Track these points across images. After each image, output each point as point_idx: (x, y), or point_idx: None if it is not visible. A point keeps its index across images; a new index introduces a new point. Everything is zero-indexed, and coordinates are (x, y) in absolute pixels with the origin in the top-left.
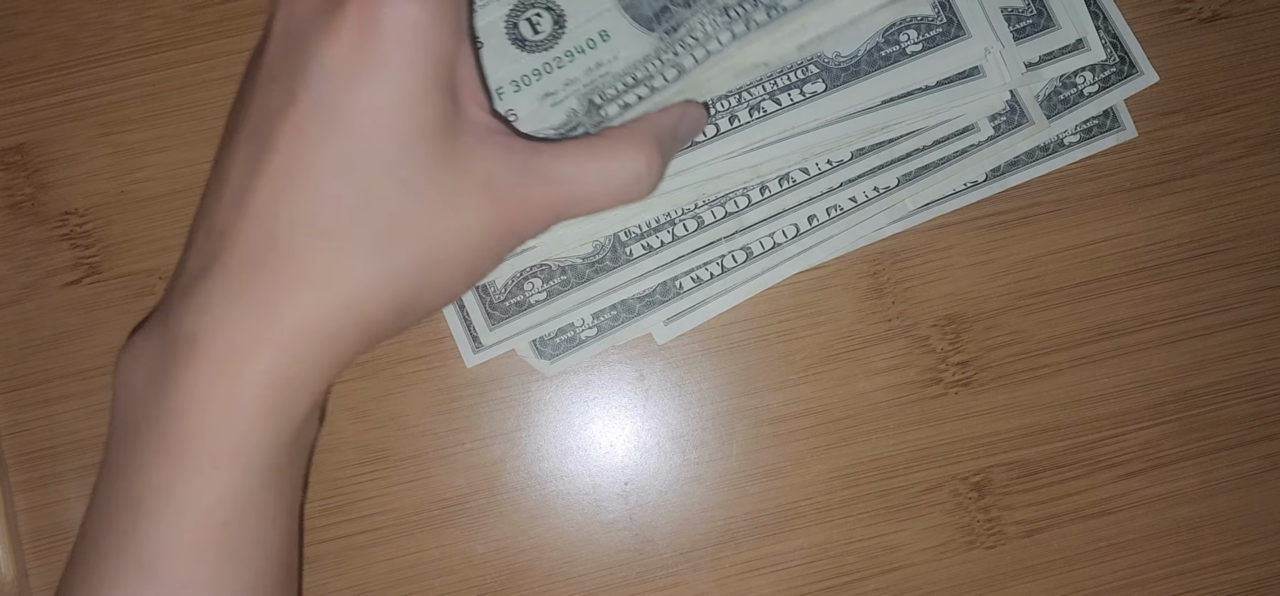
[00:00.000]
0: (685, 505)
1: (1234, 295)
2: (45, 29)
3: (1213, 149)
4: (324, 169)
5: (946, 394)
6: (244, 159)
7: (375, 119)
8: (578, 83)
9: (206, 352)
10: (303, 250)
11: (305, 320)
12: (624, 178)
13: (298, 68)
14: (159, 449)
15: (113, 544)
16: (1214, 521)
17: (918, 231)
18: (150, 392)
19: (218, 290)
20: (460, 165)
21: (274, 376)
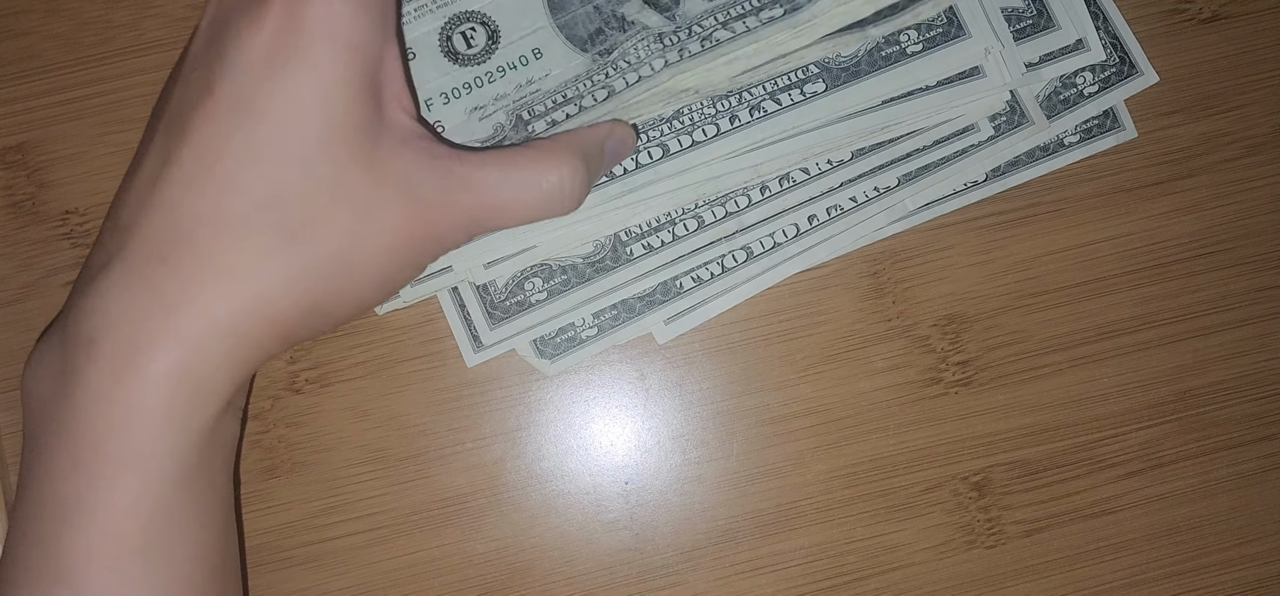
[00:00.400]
0: (686, 504)
1: (1234, 295)
2: (46, 28)
3: (1213, 149)
4: (235, 160)
5: (947, 394)
6: (157, 150)
7: (291, 112)
8: (507, 98)
9: (104, 351)
10: (207, 243)
11: (208, 315)
12: (546, 189)
13: (217, 58)
14: (66, 454)
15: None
16: (1214, 521)
17: (918, 231)
18: (53, 397)
19: (117, 286)
20: (379, 167)
21: (177, 374)
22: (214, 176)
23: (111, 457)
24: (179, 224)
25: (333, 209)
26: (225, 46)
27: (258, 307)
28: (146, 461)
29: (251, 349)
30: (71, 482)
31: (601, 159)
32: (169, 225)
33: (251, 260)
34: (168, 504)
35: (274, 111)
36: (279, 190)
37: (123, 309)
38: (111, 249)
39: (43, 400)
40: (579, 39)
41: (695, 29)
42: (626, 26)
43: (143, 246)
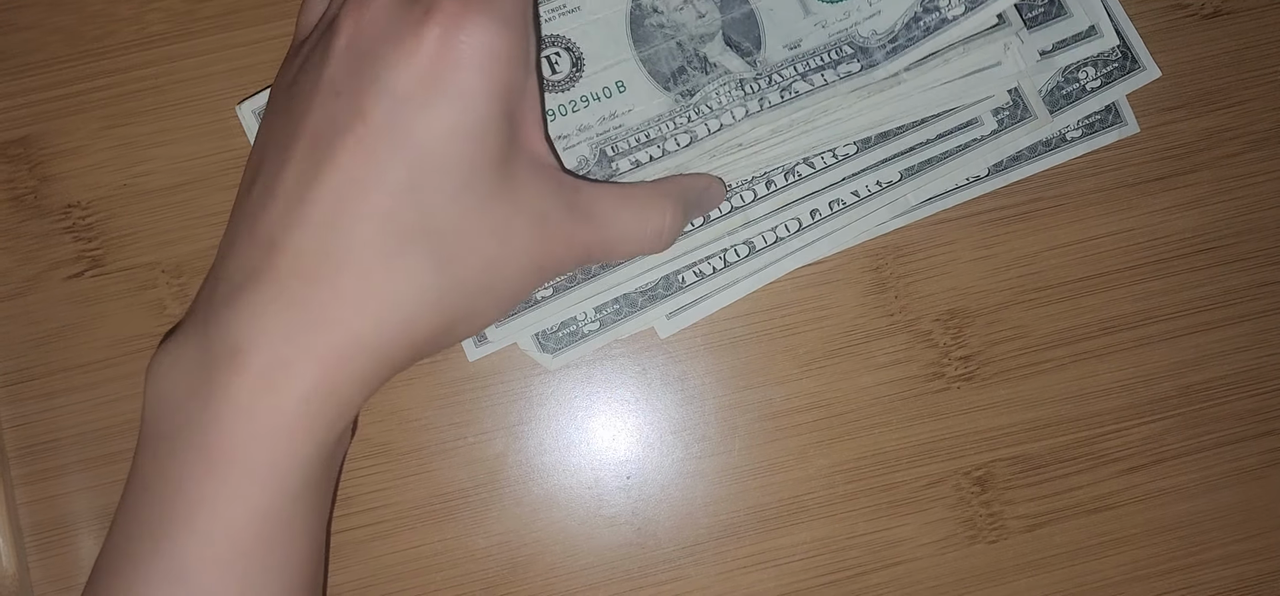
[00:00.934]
0: (687, 499)
1: (1235, 290)
2: (48, 22)
3: (1214, 144)
4: (388, 188)
5: (949, 388)
6: (300, 170)
7: (445, 144)
8: (591, 130)
9: (251, 364)
10: (361, 267)
11: (356, 336)
12: (650, 230)
13: (367, 84)
14: (198, 459)
15: (145, 552)
16: (1215, 516)
17: (920, 226)
18: (188, 401)
19: (267, 300)
20: (516, 195)
21: (319, 391)
22: (366, 202)
23: (245, 466)
24: (330, 244)
25: (476, 235)
26: (376, 73)
27: (403, 330)
28: (276, 473)
29: (388, 367)
30: (198, 485)
31: (696, 208)
32: (320, 245)
33: (402, 286)
34: (286, 515)
35: (427, 142)
36: (429, 219)
37: (273, 323)
38: (256, 262)
39: (175, 401)
40: (662, 76)
41: (774, 79)
42: (708, 68)
43: (293, 264)
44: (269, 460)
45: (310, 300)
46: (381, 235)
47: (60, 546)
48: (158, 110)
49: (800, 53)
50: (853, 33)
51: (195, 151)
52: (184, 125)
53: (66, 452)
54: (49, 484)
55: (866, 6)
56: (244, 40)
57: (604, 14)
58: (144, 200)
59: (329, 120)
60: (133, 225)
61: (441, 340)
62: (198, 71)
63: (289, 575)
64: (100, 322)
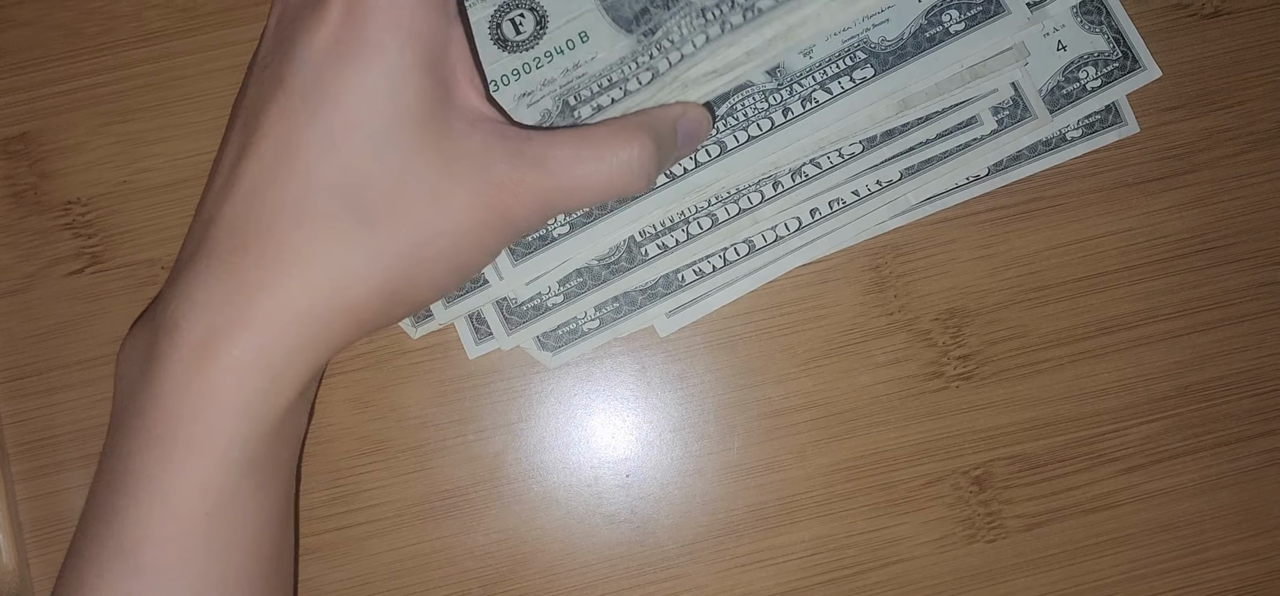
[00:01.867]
0: (686, 497)
1: (1235, 290)
2: (48, 18)
3: (1215, 144)
4: (309, 150)
5: (948, 388)
6: (235, 146)
7: (361, 99)
8: (555, 83)
9: (186, 337)
10: (286, 231)
11: (287, 303)
12: (617, 165)
13: (286, 53)
14: (141, 435)
15: (98, 531)
16: (1214, 516)
17: (920, 225)
18: (137, 380)
19: (201, 274)
20: (451, 149)
21: (254, 361)
22: (289, 166)
23: (183, 440)
24: (258, 213)
25: (407, 193)
26: (294, 42)
27: (335, 295)
28: (216, 447)
29: (327, 337)
30: (143, 461)
31: (674, 139)
32: (249, 214)
33: (329, 247)
34: (232, 491)
35: (344, 99)
36: (354, 177)
37: (205, 296)
38: (197, 238)
39: (129, 381)
40: (624, 20)
41: (737, 1)
42: (671, 3)
43: (226, 236)
44: (207, 433)
45: (240, 270)
46: (305, 200)
47: (60, 542)
48: (158, 107)
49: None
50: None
51: (195, 148)
52: (184, 121)
53: (66, 448)
54: (49, 480)
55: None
56: (244, 37)
57: None
58: (144, 196)
59: (257, 95)
60: (133, 221)
61: (388, 308)
62: (198, 68)
63: (240, 551)
64: (100, 319)
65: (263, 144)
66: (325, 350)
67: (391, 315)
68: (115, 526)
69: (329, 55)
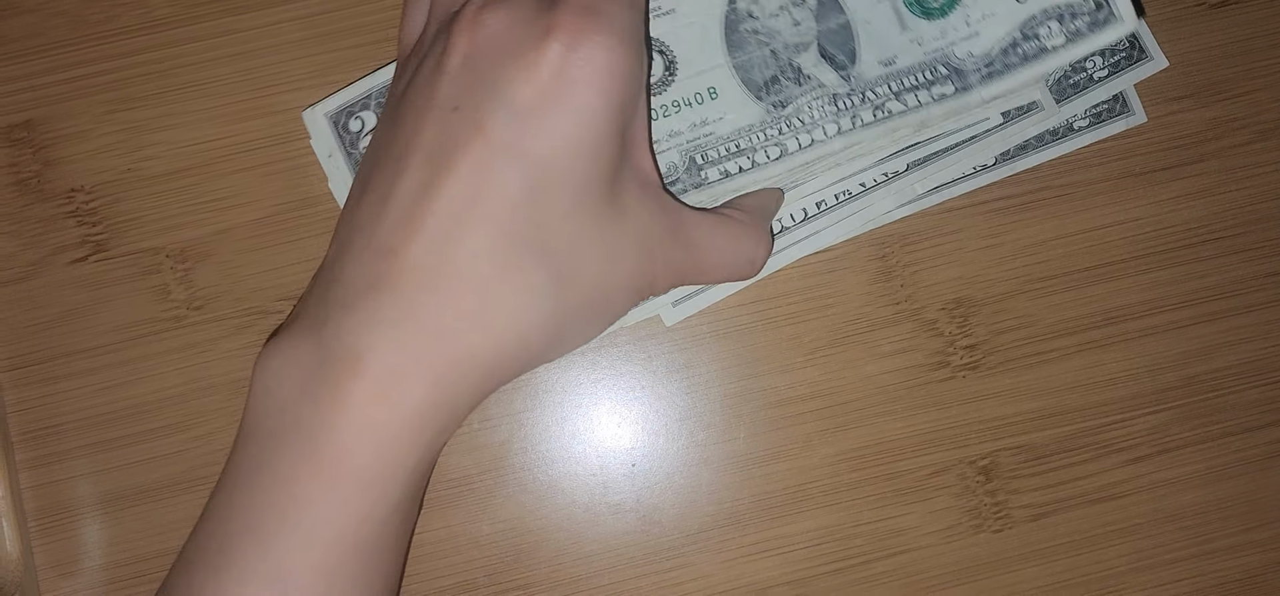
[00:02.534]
0: (692, 487)
1: (1242, 280)
2: (52, 5)
3: (1222, 134)
4: (506, 201)
5: (954, 377)
6: (418, 181)
7: (562, 159)
8: (681, 137)
9: (367, 371)
10: (479, 278)
11: (470, 350)
12: (743, 257)
13: (485, 98)
14: (309, 461)
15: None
16: (1220, 507)
17: (926, 215)
18: (300, 401)
19: (385, 308)
20: (625, 215)
21: (431, 403)
22: (484, 212)
23: (354, 473)
24: (448, 256)
25: (588, 252)
26: (496, 87)
27: (516, 345)
28: (383, 483)
29: (497, 381)
30: (306, 487)
31: None
32: (438, 256)
33: (518, 300)
34: (386, 525)
35: (545, 156)
36: (545, 231)
37: (390, 332)
38: (374, 269)
39: (285, 399)
40: (754, 85)
41: (868, 96)
42: (802, 79)
43: (411, 274)
44: (377, 469)
45: (427, 311)
46: (498, 248)
47: (64, 531)
48: (162, 95)
49: (894, 70)
50: (949, 53)
51: (199, 136)
52: (188, 110)
53: (70, 437)
54: (53, 468)
55: (964, 27)
56: (249, 25)
57: (699, 18)
58: (148, 185)
59: (447, 133)
60: (137, 210)
61: (547, 356)
62: (202, 56)
63: (380, 583)
64: (104, 307)
65: (458, 186)
66: (491, 390)
67: (546, 360)
68: (270, 550)
69: (535, 108)
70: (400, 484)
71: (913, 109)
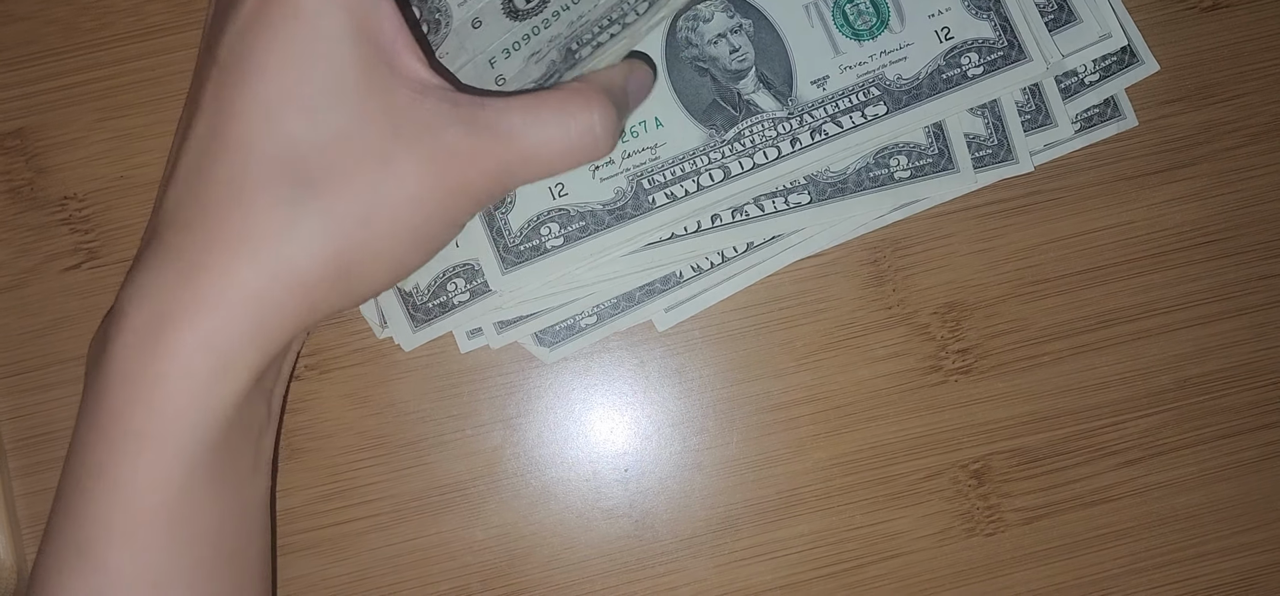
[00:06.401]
0: (685, 492)
1: (1234, 284)
2: (45, 13)
3: (1213, 138)
4: (243, 122)
5: (946, 381)
6: (180, 130)
7: (289, 65)
8: (561, 38)
9: (132, 323)
10: (227, 208)
11: (232, 283)
12: (577, 130)
13: (217, 28)
14: (94, 429)
15: (55, 525)
16: (1213, 509)
17: (918, 219)
18: (92, 376)
19: (147, 260)
20: (396, 115)
21: (201, 346)
22: (227, 140)
23: (133, 431)
24: (199, 191)
25: (348, 160)
26: (224, 17)
27: (283, 271)
28: (168, 437)
29: (279, 319)
30: (95, 454)
31: (626, 98)
32: (190, 194)
33: (272, 220)
34: (188, 482)
35: (275, 68)
36: (292, 145)
37: (151, 279)
38: (150, 227)
39: (89, 374)
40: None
41: (806, 119)
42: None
43: (169, 219)
44: (156, 423)
45: (182, 251)
46: (244, 172)
47: None
48: (155, 102)
49: (829, 94)
50: (880, 75)
51: None
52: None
53: (63, 444)
54: (46, 475)
55: (895, 50)
56: None
57: (640, 48)
58: (141, 192)
59: (198, 75)
60: (129, 217)
61: (345, 285)
62: (194, 63)
63: (201, 544)
64: (97, 315)
65: (200, 122)
66: (278, 333)
67: (349, 293)
68: (73, 522)
69: (256, 24)
70: (192, 438)
71: (847, 131)
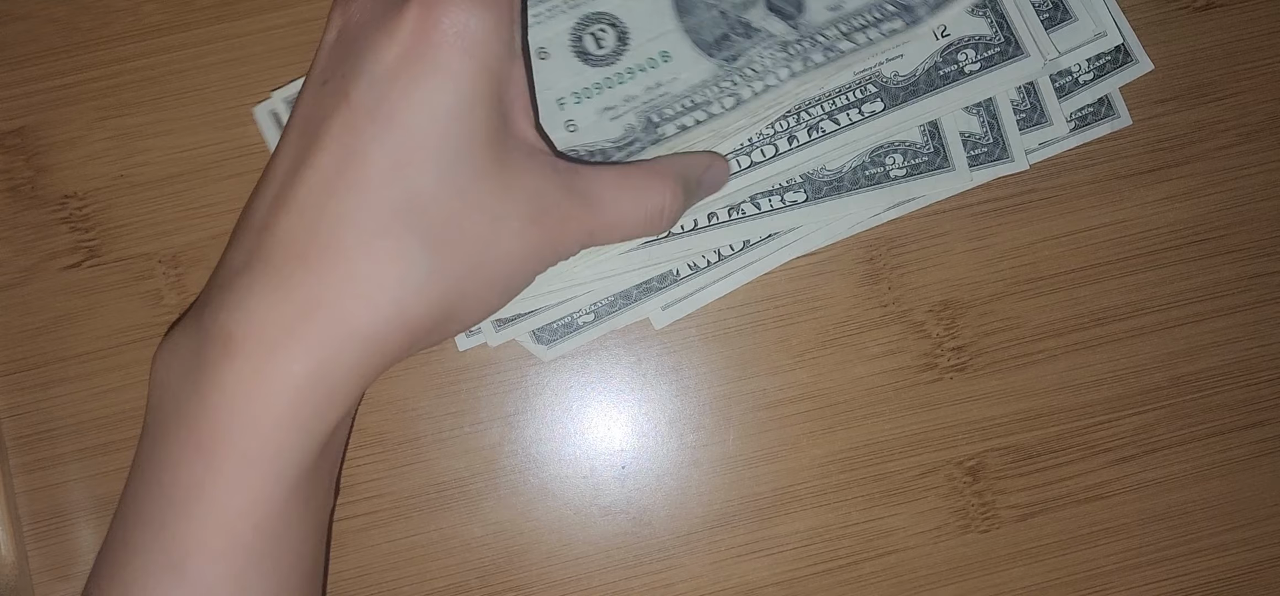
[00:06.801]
0: (682, 489)
1: (1226, 282)
2: (44, 12)
3: (1206, 137)
4: (374, 168)
5: (941, 379)
6: (291, 157)
7: (427, 120)
8: (637, 100)
9: (242, 348)
10: (348, 247)
11: (347, 321)
12: (649, 209)
13: (351, 69)
14: (191, 445)
15: (142, 541)
16: (1206, 506)
17: (913, 217)
18: (184, 388)
19: (257, 285)
20: (508, 178)
21: (311, 377)
22: (352, 181)
23: (236, 453)
24: (318, 226)
25: (467, 217)
26: (361, 57)
27: (395, 314)
28: (270, 462)
29: (383, 354)
30: (192, 471)
31: (699, 186)
32: (307, 227)
33: (392, 266)
34: (282, 506)
35: (410, 119)
36: (417, 199)
37: (262, 307)
38: (249, 248)
39: (171, 388)
40: (706, 44)
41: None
42: (752, 33)
43: (282, 247)
44: (261, 448)
45: (300, 284)
46: (368, 216)
47: (59, 535)
48: (154, 101)
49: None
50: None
51: (192, 142)
52: (181, 116)
53: (64, 442)
54: (47, 473)
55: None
56: (241, 31)
57: None
58: (140, 191)
59: (317, 107)
60: (129, 216)
61: (441, 327)
62: (194, 62)
63: (287, 567)
64: (97, 313)
65: (324, 157)
66: (380, 367)
67: (443, 333)
68: (164, 538)
69: (396, 73)
70: (290, 463)
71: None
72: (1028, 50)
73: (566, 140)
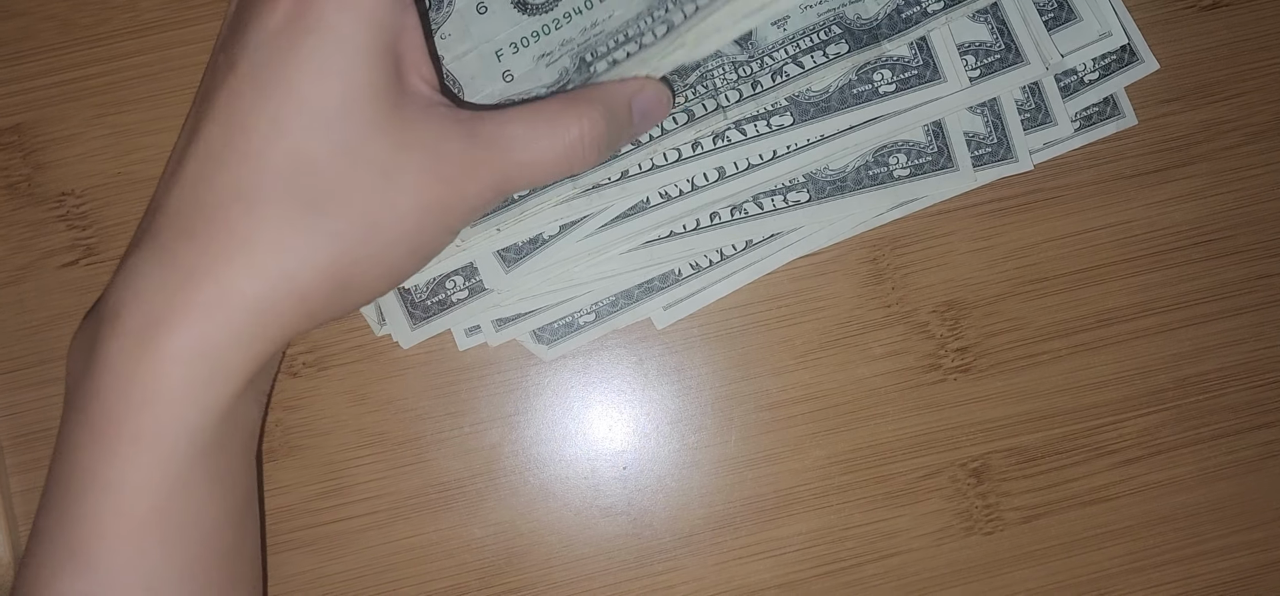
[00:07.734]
0: (683, 490)
1: (1232, 283)
2: (42, 9)
3: (1212, 137)
4: (257, 133)
5: (945, 380)
6: (186, 133)
7: (311, 81)
8: (573, 43)
9: (126, 325)
10: (233, 216)
11: (232, 289)
12: (567, 141)
13: (239, 39)
14: (85, 428)
15: (46, 528)
16: (1212, 508)
17: (917, 217)
18: (82, 373)
19: (143, 262)
20: (401, 132)
21: (198, 349)
22: (238, 149)
23: (127, 432)
24: (205, 198)
25: (355, 175)
26: (247, 26)
27: (283, 281)
28: (162, 438)
29: (276, 326)
30: (87, 456)
31: (628, 116)
32: (195, 200)
33: (277, 232)
34: (181, 483)
35: (294, 81)
36: (302, 159)
37: (147, 283)
38: (143, 227)
39: (74, 374)
40: None
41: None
42: None
43: (170, 222)
44: (153, 424)
45: (183, 256)
46: (252, 183)
47: None
48: (152, 98)
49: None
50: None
51: None
52: (178, 112)
53: None
54: (44, 472)
55: None
56: None
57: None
58: (138, 188)
59: (212, 80)
60: (127, 213)
61: (341, 294)
62: (192, 59)
63: (194, 545)
64: None
65: (211, 128)
66: (274, 339)
67: (345, 302)
68: (64, 524)
69: (280, 37)
70: (185, 439)
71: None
72: (1028, 57)
73: (503, 91)
